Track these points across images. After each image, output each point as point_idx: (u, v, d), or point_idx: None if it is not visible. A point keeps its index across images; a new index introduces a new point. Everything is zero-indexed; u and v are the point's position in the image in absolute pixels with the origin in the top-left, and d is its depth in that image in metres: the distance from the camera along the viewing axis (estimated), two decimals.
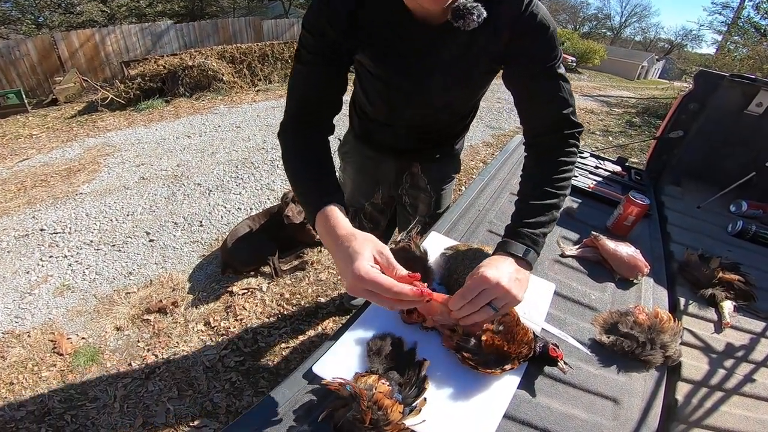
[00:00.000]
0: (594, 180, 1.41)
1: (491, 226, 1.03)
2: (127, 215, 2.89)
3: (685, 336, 0.81)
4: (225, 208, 3.00)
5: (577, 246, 1.02)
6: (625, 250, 0.95)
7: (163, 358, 1.79)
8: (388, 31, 0.74)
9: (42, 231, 2.69)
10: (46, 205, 3.03)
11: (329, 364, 0.62)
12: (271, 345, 1.86)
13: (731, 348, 0.82)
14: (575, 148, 0.77)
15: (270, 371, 1.74)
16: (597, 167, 1.54)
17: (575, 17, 35.99)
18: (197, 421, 1.53)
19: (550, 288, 0.85)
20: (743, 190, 1.40)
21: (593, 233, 1.01)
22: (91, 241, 2.60)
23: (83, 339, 1.89)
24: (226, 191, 3.24)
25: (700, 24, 24.55)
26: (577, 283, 0.90)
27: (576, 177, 1.36)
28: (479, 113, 1.28)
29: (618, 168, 1.58)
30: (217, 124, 4.87)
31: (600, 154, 1.67)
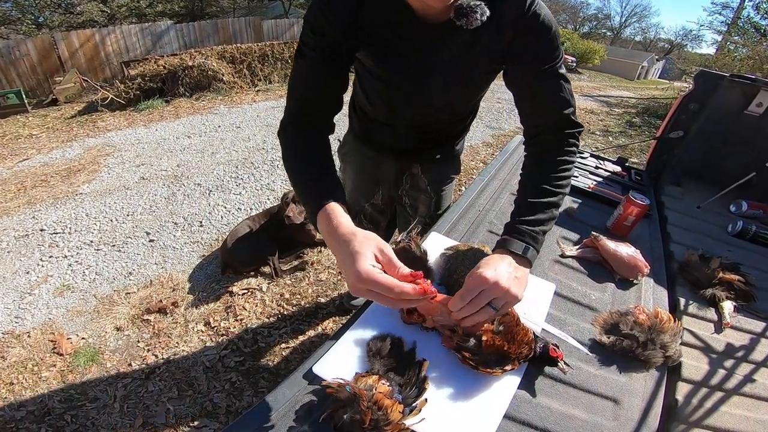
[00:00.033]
0: (594, 180, 1.41)
1: (491, 226, 1.03)
2: (127, 215, 2.89)
3: (686, 336, 0.81)
4: (225, 208, 3.00)
5: (577, 246, 1.02)
6: (625, 250, 0.95)
7: (163, 358, 1.79)
8: (388, 31, 0.74)
9: (42, 231, 2.69)
10: (46, 206, 3.03)
11: (329, 364, 0.62)
12: (271, 345, 1.86)
13: (731, 348, 0.82)
14: (575, 148, 0.78)
15: (270, 371, 1.74)
16: (597, 167, 1.54)
17: (575, 17, 36.05)
18: (197, 422, 1.53)
19: (550, 288, 0.85)
20: (743, 190, 1.40)
21: (593, 233, 1.01)
22: (91, 242, 2.59)
23: (83, 339, 1.89)
24: (226, 191, 3.24)
25: (700, 24, 24.53)
26: (577, 284, 0.90)
27: (576, 177, 1.36)
28: (479, 113, 1.28)
29: (618, 168, 1.58)
30: (217, 124, 4.87)
31: (600, 154, 1.67)
